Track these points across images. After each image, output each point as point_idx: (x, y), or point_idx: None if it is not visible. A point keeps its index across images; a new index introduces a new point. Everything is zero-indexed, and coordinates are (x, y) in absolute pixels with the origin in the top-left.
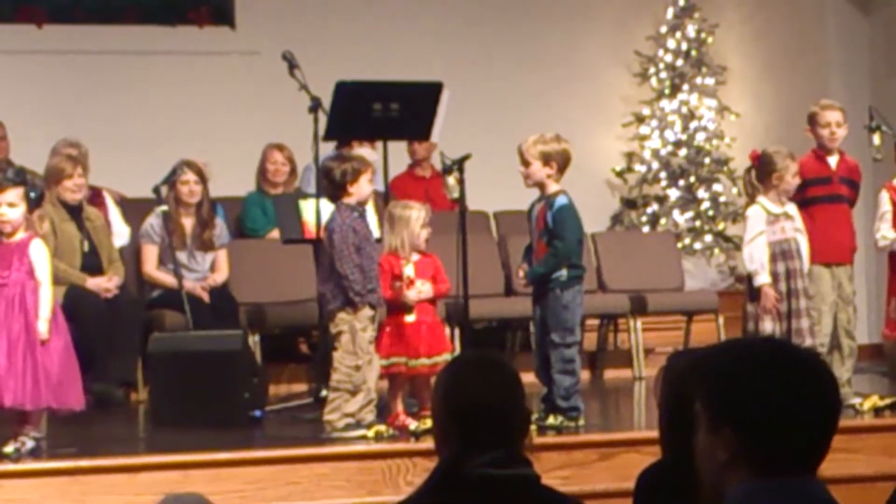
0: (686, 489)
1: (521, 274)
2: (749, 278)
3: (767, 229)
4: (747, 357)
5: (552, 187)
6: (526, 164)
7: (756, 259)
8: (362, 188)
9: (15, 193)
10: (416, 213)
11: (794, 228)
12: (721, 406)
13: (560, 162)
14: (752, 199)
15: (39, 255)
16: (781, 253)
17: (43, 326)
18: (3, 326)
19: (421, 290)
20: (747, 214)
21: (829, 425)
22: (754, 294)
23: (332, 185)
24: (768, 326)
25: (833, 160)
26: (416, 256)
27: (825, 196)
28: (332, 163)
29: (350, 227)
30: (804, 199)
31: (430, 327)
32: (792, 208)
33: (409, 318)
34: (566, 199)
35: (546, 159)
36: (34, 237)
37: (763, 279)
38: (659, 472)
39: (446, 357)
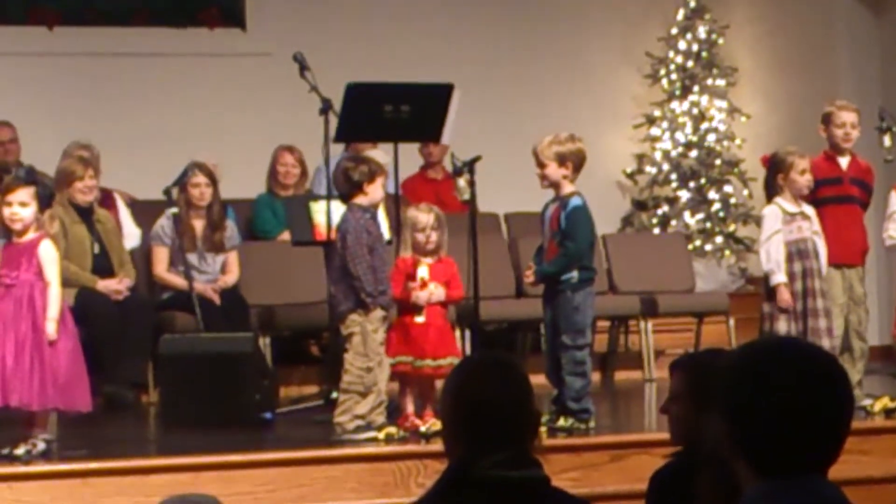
0: (700, 480)
1: (530, 273)
2: (765, 278)
3: (784, 228)
4: (755, 356)
5: (567, 188)
6: (542, 165)
7: (772, 258)
8: (377, 191)
9: (26, 192)
10: (421, 217)
11: (812, 231)
12: (723, 403)
13: (576, 162)
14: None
15: (48, 255)
16: (798, 252)
17: (51, 327)
18: (10, 327)
19: (433, 292)
20: (763, 213)
21: (839, 425)
22: (770, 294)
23: (349, 184)
24: (783, 326)
25: (844, 161)
26: (430, 259)
27: (835, 197)
28: (351, 163)
29: (364, 227)
30: (815, 199)
31: (438, 330)
32: (809, 209)
33: (419, 319)
34: (580, 201)
35: (562, 160)
36: (44, 237)
37: (779, 278)
38: (672, 473)
39: (452, 360)
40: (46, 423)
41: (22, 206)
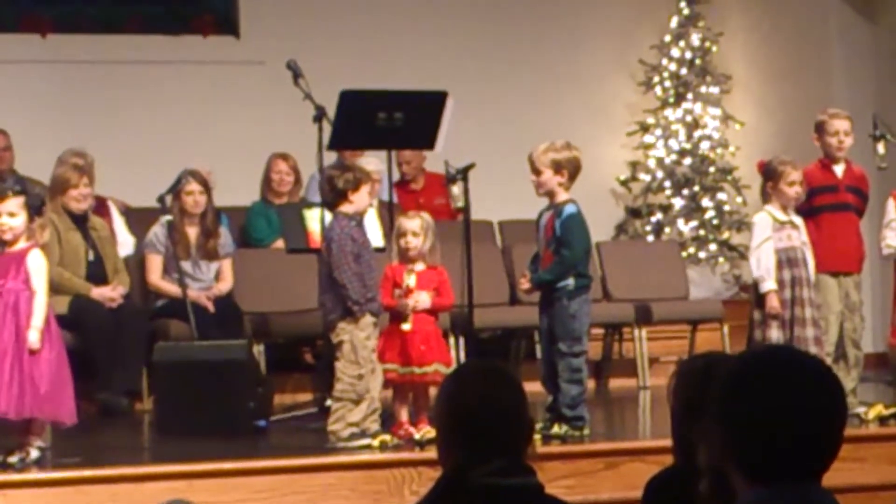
0: (694, 497)
1: (524, 281)
2: (755, 285)
3: (774, 236)
4: (748, 365)
5: (562, 196)
6: (537, 172)
7: (762, 265)
8: (362, 198)
9: (15, 203)
10: (404, 222)
11: (801, 241)
12: (717, 409)
13: (571, 170)
14: None
15: (37, 264)
16: (787, 260)
17: (34, 336)
18: None
19: (418, 300)
20: (754, 221)
21: (832, 434)
22: (760, 301)
23: (334, 193)
24: (775, 334)
25: (839, 169)
26: (420, 266)
27: (831, 205)
28: (335, 171)
29: (348, 235)
30: (811, 207)
31: (425, 337)
32: (798, 220)
33: (405, 327)
34: (575, 209)
35: (557, 167)
36: (34, 247)
37: (769, 285)
38: (667, 480)
39: (437, 368)
40: (43, 431)
41: (11, 217)
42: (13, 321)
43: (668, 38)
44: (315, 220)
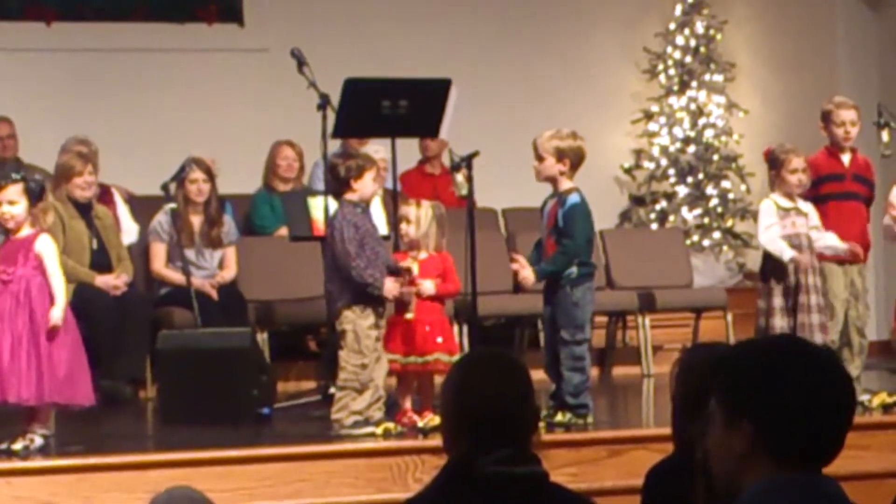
0: (695, 485)
1: (527, 273)
2: (761, 275)
3: (778, 223)
4: (765, 352)
5: (565, 184)
6: (539, 158)
7: (775, 243)
8: (366, 185)
9: (15, 190)
10: (402, 209)
11: (810, 226)
12: (739, 399)
13: (574, 159)
14: None
15: (47, 248)
16: (791, 248)
17: (57, 313)
18: (7, 322)
19: (422, 287)
20: (759, 209)
21: (843, 421)
22: (765, 290)
23: (337, 182)
24: (778, 322)
25: (846, 157)
26: (423, 254)
27: (838, 193)
28: (337, 159)
29: (351, 223)
30: (817, 196)
31: (431, 325)
32: (806, 206)
33: (408, 316)
34: (578, 198)
35: (560, 155)
36: (41, 232)
37: (788, 254)
38: (668, 469)
39: (440, 356)
40: (48, 418)
41: (11, 205)
42: (26, 308)
43: (672, 25)
44: (319, 207)
